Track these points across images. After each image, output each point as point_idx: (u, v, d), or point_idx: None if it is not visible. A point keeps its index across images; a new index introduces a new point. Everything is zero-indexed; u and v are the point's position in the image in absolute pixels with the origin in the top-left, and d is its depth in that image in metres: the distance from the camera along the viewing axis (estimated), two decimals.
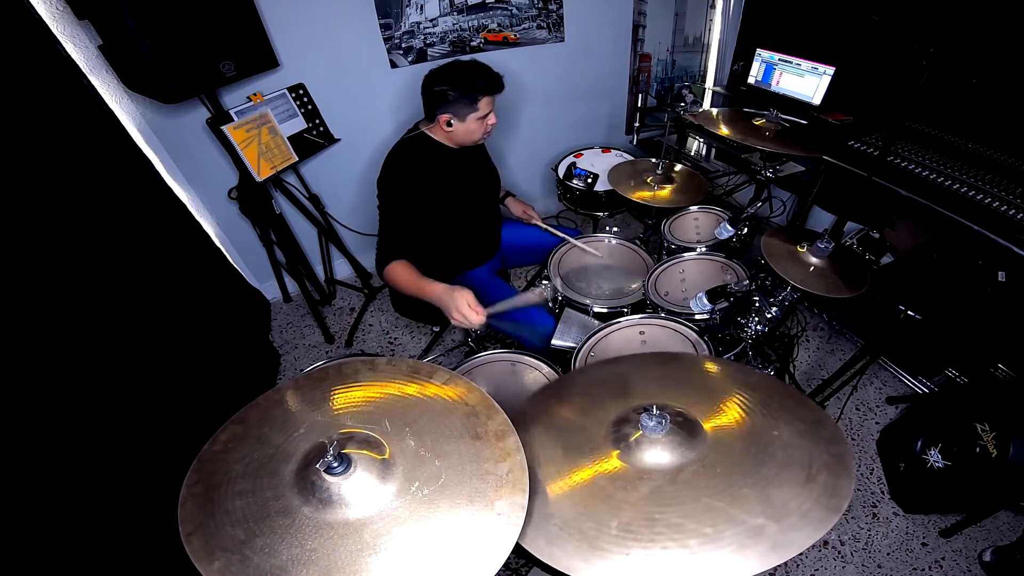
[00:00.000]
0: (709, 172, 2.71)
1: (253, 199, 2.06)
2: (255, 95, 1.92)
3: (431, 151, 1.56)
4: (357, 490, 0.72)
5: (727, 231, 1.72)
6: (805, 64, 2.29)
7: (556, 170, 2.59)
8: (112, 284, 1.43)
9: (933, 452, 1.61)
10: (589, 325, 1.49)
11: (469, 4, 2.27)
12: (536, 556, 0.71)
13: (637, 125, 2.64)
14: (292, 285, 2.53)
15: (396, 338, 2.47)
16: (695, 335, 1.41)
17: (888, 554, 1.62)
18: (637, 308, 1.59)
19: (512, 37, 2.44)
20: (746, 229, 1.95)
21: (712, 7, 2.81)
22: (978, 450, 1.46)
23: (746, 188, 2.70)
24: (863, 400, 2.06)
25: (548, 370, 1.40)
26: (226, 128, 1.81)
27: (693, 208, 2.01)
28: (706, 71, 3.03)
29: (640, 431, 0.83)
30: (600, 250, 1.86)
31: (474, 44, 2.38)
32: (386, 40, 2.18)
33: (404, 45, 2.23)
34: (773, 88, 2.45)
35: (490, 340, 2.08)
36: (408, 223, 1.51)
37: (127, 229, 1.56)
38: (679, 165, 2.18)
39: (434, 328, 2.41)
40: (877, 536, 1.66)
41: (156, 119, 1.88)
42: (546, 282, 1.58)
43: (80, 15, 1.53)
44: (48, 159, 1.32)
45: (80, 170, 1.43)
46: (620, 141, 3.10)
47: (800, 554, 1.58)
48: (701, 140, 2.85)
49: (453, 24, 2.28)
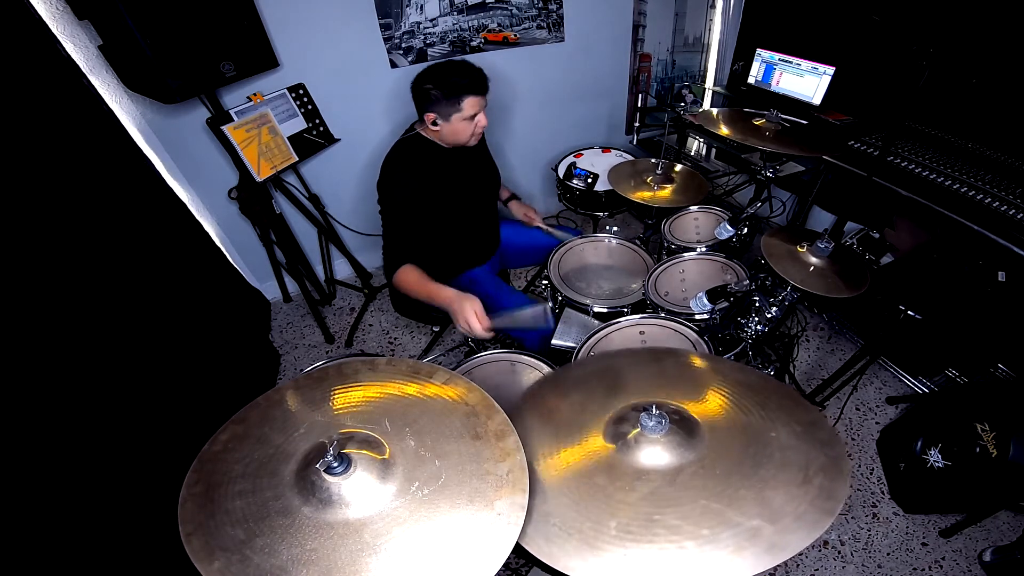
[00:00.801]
0: (709, 172, 2.71)
1: (253, 199, 2.06)
2: (255, 95, 1.92)
3: (426, 151, 1.56)
4: (357, 490, 0.72)
5: (727, 231, 1.72)
6: (805, 64, 2.29)
7: (556, 170, 2.59)
8: (112, 284, 1.43)
9: (933, 452, 1.61)
10: (589, 325, 1.49)
11: (469, 4, 2.27)
12: (536, 556, 0.71)
13: (637, 125, 2.65)
14: (292, 285, 2.54)
15: (396, 338, 2.47)
16: (695, 335, 1.41)
17: (888, 554, 1.62)
18: (637, 308, 1.59)
19: (512, 37, 2.44)
20: (746, 229, 1.95)
21: (712, 7, 2.81)
22: (978, 450, 1.47)
23: (746, 188, 2.70)
24: (863, 400, 2.06)
25: (548, 370, 1.40)
26: (226, 128, 1.81)
27: (693, 208, 2.01)
28: (706, 71, 3.03)
29: (639, 429, 0.83)
30: (600, 250, 1.86)
31: (474, 44, 2.38)
32: (386, 40, 2.18)
33: (404, 45, 2.23)
34: (773, 88, 2.45)
35: (490, 340, 2.07)
36: (411, 226, 1.52)
37: (127, 229, 1.56)
38: (679, 165, 2.18)
39: (434, 328, 2.41)
40: (877, 536, 1.66)
41: (156, 119, 1.88)
42: (549, 304, 1.58)
43: (80, 15, 1.53)
44: (48, 159, 1.32)
45: (80, 170, 1.43)
46: (620, 141, 3.10)
47: (800, 554, 1.58)
48: (701, 140, 2.85)
49: (453, 24, 2.28)
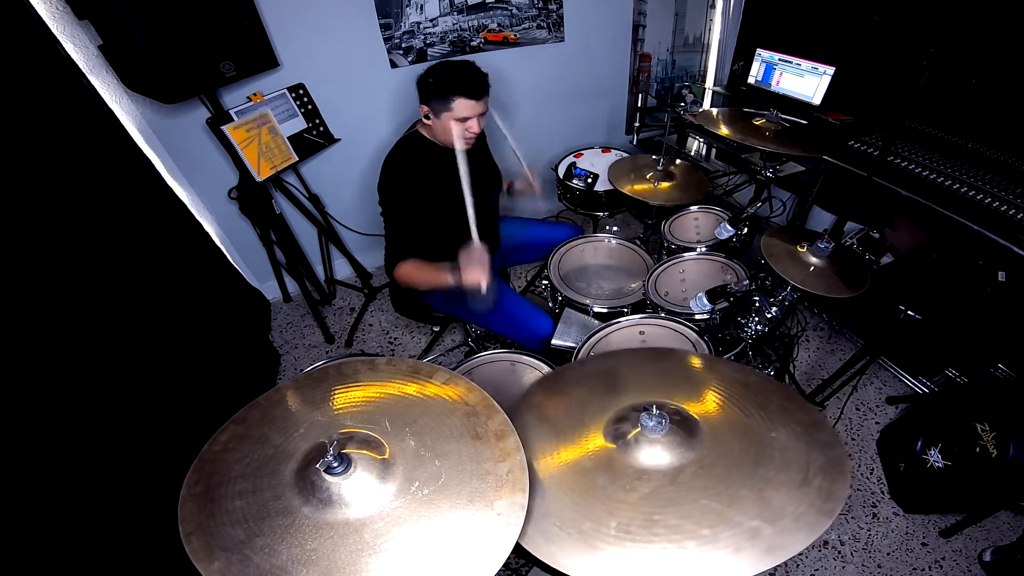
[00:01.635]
0: (709, 172, 2.71)
1: (253, 199, 2.06)
2: (255, 95, 1.92)
3: (425, 150, 1.56)
4: (357, 490, 0.72)
5: (727, 231, 1.72)
6: (805, 64, 2.29)
7: (556, 170, 2.59)
8: (112, 284, 1.43)
9: (933, 452, 1.61)
10: (589, 325, 1.49)
11: (469, 4, 2.27)
12: (536, 556, 0.71)
13: (637, 125, 2.65)
14: (292, 285, 2.54)
15: (396, 338, 2.47)
16: (695, 335, 1.41)
17: (888, 554, 1.62)
18: (637, 308, 1.59)
19: (512, 37, 2.44)
20: (746, 229, 1.95)
21: (712, 7, 2.81)
22: (978, 450, 1.46)
23: (746, 188, 2.70)
24: (863, 400, 2.06)
25: (548, 370, 1.40)
26: (226, 128, 1.81)
27: (693, 208, 2.01)
28: (706, 71, 3.03)
29: (639, 429, 0.83)
30: (600, 250, 1.86)
31: (474, 44, 2.38)
32: (386, 40, 2.18)
33: (404, 45, 2.23)
34: (773, 88, 2.45)
35: (490, 340, 2.08)
36: (412, 227, 1.52)
37: (127, 229, 1.56)
38: (679, 160, 2.18)
39: (434, 328, 2.42)
40: (877, 536, 1.66)
41: (156, 119, 1.88)
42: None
43: (80, 15, 1.53)
44: (48, 159, 1.32)
45: (80, 170, 1.43)
46: (620, 141, 3.10)
47: (800, 554, 1.58)
48: (701, 140, 2.85)
49: (453, 24, 2.28)
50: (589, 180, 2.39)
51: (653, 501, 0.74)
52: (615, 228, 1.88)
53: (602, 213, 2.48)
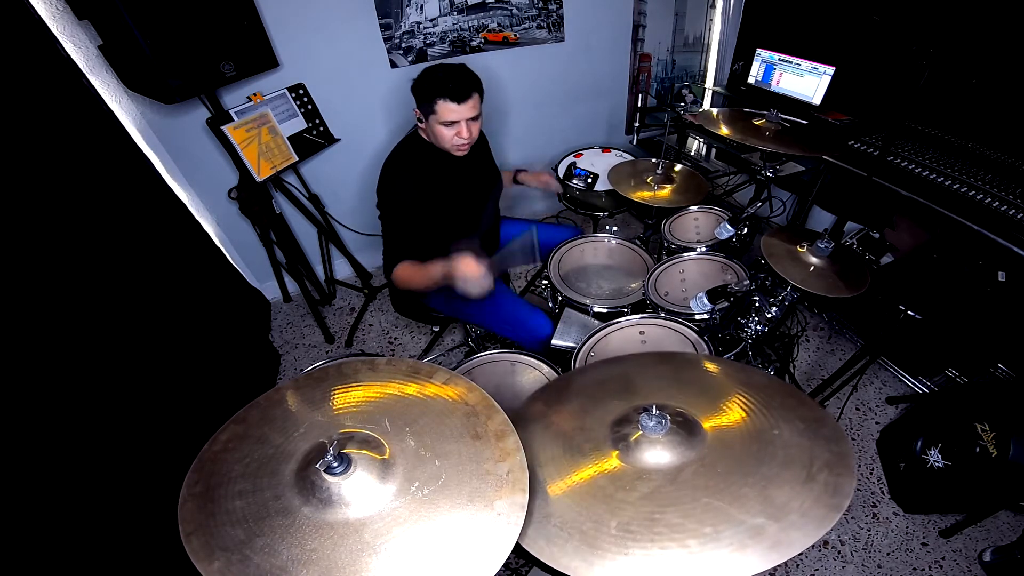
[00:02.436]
0: (709, 172, 2.71)
1: (253, 199, 2.06)
2: (255, 95, 1.92)
3: (425, 154, 1.56)
4: (357, 490, 0.72)
5: (727, 231, 1.72)
6: (805, 64, 2.29)
7: (556, 170, 2.59)
8: (112, 284, 1.43)
9: (933, 452, 1.61)
10: (589, 325, 1.49)
11: (469, 4, 2.27)
12: (536, 556, 0.71)
13: (637, 125, 2.65)
14: (292, 285, 2.53)
15: (396, 338, 2.47)
16: (695, 335, 1.41)
17: (888, 554, 1.62)
18: (637, 308, 1.58)
19: (512, 37, 2.44)
20: (746, 229, 1.95)
21: (712, 7, 2.81)
22: (978, 450, 1.46)
23: (746, 188, 2.70)
24: (863, 400, 2.06)
25: (548, 370, 1.40)
26: (226, 128, 1.81)
27: (693, 208, 2.01)
28: (706, 71, 3.03)
29: (640, 431, 0.83)
30: (600, 250, 1.86)
31: (474, 44, 2.38)
32: (386, 40, 2.18)
33: (404, 45, 2.23)
34: (773, 88, 2.45)
35: (490, 340, 2.07)
36: (411, 231, 1.51)
37: (127, 229, 1.56)
38: (679, 165, 2.18)
39: (434, 328, 2.42)
40: (877, 536, 1.66)
41: (156, 119, 1.88)
42: (535, 229, 1.57)
43: (80, 15, 1.53)
44: (48, 159, 1.32)
45: (80, 170, 1.43)
46: (620, 141, 3.10)
47: (800, 554, 1.58)
48: (701, 140, 2.85)
49: (453, 24, 2.28)
50: (589, 180, 2.39)
51: (654, 500, 0.74)
52: (615, 228, 1.88)
53: (602, 213, 2.48)
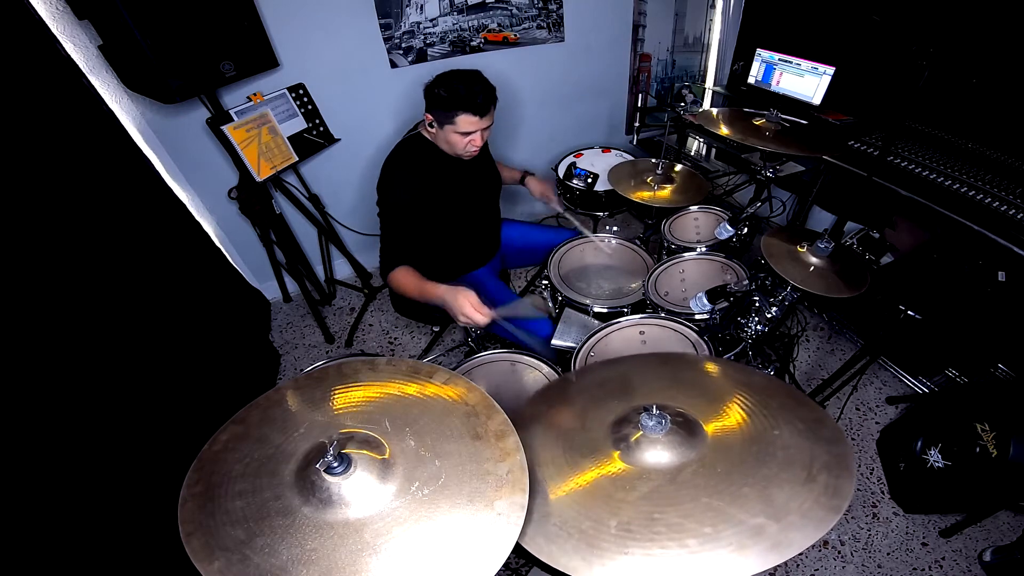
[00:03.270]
0: (709, 172, 2.71)
1: (253, 199, 2.06)
2: (255, 95, 1.92)
3: (427, 154, 1.56)
4: (357, 490, 0.72)
5: (727, 231, 1.71)
6: (805, 64, 2.29)
7: (556, 170, 2.58)
8: (112, 284, 1.43)
9: (933, 452, 1.61)
10: (589, 325, 1.49)
11: (469, 4, 2.27)
12: (536, 556, 0.71)
13: (637, 125, 2.64)
14: (292, 285, 2.53)
15: (396, 338, 2.47)
16: (695, 335, 1.41)
17: (888, 554, 1.62)
18: (637, 308, 1.59)
19: (512, 37, 2.44)
20: (746, 229, 1.95)
21: (712, 7, 2.81)
22: (978, 450, 1.46)
23: (746, 188, 2.70)
24: (863, 400, 2.06)
25: (548, 370, 1.40)
26: (226, 128, 1.81)
27: (693, 208, 2.01)
28: (706, 71, 3.03)
29: (640, 431, 0.83)
30: (600, 250, 1.86)
31: (474, 44, 2.38)
32: (386, 40, 2.18)
33: (404, 45, 2.23)
34: (773, 88, 2.45)
35: (490, 340, 2.07)
36: (409, 231, 1.51)
37: (127, 229, 1.56)
38: (679, 165, 2.18)
39: (434, 328, 2.41)
40: (877, 536, 1.66)
41: (156, 119, 1.88)
42: (545, 291, 1.58)
43: (80, 15, 1.53)
44: (48, 159, 1.32)
45: (80, 170, 1.43)
46: (620, 141, 3.10)
47: (800, 554, 1.58)
48: (701, 140, 2.85)
49: (453, 24, 2.28)
50: (589, 180, 2.39)
51: (654, 500, 0.74)
52: (615, 228, 1.88)
53: (602, 213, 2.48)
